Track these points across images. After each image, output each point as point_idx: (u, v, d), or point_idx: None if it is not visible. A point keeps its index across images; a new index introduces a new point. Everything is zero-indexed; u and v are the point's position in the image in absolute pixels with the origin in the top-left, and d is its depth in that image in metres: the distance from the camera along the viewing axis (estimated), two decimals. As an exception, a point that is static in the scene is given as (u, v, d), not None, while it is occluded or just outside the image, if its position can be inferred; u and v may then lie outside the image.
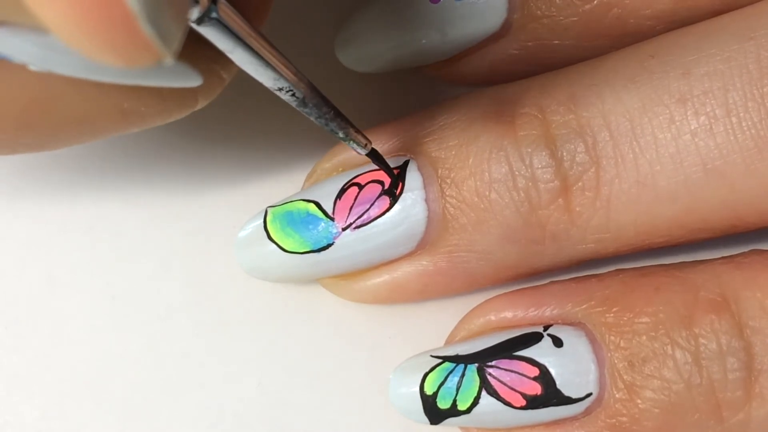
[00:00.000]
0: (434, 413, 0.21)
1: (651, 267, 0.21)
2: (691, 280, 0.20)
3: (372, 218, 0.21)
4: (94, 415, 0.23)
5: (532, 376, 0.20)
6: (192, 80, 0.16)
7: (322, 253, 0.22)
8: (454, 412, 0.21)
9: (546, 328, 0.21)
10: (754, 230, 0.21)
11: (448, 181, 0.21)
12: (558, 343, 0.20)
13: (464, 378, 0.21)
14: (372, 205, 0.21)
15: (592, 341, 0.20)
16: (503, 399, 0.20)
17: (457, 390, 0.21)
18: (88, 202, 0.24)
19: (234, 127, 0.25)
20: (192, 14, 0.14)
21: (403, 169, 0.22)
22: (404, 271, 0.22)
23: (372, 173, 0.22)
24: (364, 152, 0.20)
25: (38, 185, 0.24)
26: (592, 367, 0.20)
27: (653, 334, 0.20)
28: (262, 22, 0.18)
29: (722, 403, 0.19)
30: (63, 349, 0.23)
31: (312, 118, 0.18)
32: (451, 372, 0.21)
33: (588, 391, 0.20)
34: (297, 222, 0.22)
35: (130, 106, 0.17)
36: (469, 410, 0.21)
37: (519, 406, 0.20)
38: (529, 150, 0.21)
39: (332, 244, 0.22)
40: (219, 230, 0.24)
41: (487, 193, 0.21)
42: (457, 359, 0.21)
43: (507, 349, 0.21)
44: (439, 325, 0.23)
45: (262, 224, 0.22)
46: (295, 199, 0.22)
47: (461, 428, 0.22)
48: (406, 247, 0.22)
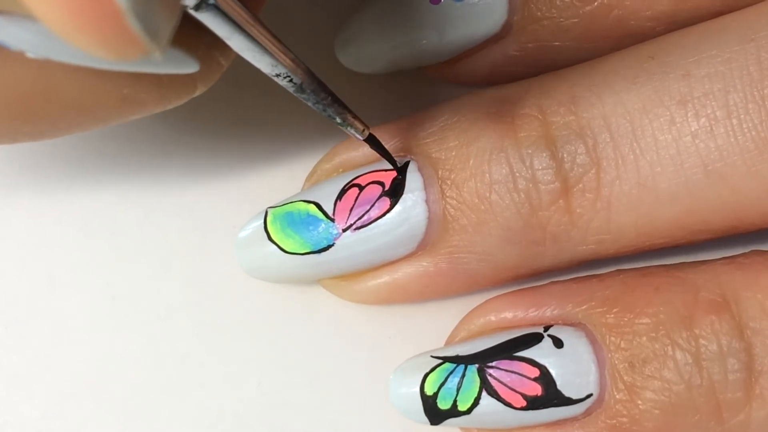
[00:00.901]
0: (434, 414, 0.21)
1: (651, 267, 0.21)
2: (691, 281, 0.20)
3: (372, 219, 0.21)
4: (94, 415, 0.23)
5: (533, 376, 0.20)
6: (189, 67, 0.16)
7: (323, 254, 0.22)
8: (454, 412, 0.21)
9: (546, 329, 0.21)
10: (755, 231, 0.21)
11: (449, 182, 0.21)
12: (558, 343, 0.20)
13: (465, 378, 0.21)
14: (372, 206, 0.21)
15: (593, 342, 0.20)
16: (503, 400, 0.20)
17: (458, 390, 0.21)
18: (88, 202, 0.24)
19: (234, 127, 0.25)
20: (189, 0, 0.14)
21: (404, 169, 0.22)
22: (405, 272, 0.22)
23: (372, 174, 0.22)
24: (362, 138, 0.20)
25: (38, 185, 0.24)
26: (593, 368, 0.20)
27: (654, 335, 0.20)
28: (259, 8, 0.18)
29: (723, 404, 0.19)
30: (63, 349, 0.23)
31: (310, 104, 0.18)
32: (452, 372, 0.21)
33: (588, 392, 0.20)
34: (297, 223, 0.22)
35: (129, 93, 0.17)
36: (469, 411, 0.21)
37: (519, 406, 0.20)
38: (530, 151, 0.21)
39: (332, 245, 0.22)
40: (219, 230, 0.24)
41: (488, 195, 0.21)
42: (457, 360, 0.21)
43: (507, 350, 0.21)
44: (440, 326, 0.23)
45: (263, 225, 0.22)
46: (295, 200, 0.22)
47: (461, 429, 0.22)
48: (406, 248, 0.22)
